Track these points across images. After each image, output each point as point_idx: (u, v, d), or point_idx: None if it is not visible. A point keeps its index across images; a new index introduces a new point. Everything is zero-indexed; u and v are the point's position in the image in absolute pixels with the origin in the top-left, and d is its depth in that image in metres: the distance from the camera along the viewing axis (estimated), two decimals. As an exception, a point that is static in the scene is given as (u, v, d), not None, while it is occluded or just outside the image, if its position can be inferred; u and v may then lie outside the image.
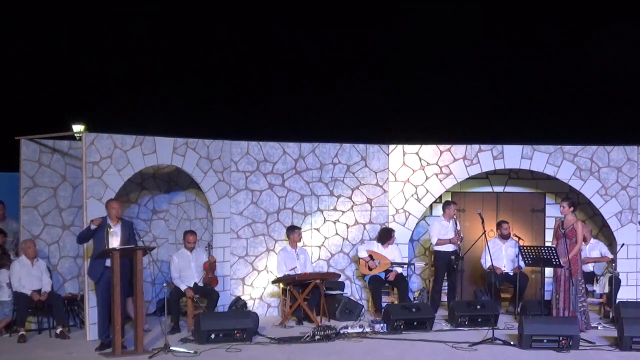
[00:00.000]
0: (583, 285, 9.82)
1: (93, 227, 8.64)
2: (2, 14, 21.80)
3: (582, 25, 22.15)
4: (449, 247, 11.09)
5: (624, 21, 20.94)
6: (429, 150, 11.53)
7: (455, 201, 11.39)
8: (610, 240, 11.43)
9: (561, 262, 9.59)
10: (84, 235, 8.85)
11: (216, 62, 23.94)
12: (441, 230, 11.12)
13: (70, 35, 23.51)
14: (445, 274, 11.23)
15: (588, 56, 21.76)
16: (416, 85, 22.82)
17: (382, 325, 9.72)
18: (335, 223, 11.44)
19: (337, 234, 11.45)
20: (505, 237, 11.22)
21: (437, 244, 11.14)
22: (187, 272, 10.06)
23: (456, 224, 11.06)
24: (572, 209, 9.90)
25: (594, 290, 10.88)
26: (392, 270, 10.91)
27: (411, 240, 11.88)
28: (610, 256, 11.04)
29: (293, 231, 10.80)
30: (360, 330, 9.67)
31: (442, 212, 11.33)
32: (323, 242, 11.41)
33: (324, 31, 23.84)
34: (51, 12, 22.80)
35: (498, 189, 12.24)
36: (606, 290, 10.66)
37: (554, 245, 9.80)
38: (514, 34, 23.01)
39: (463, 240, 11.27)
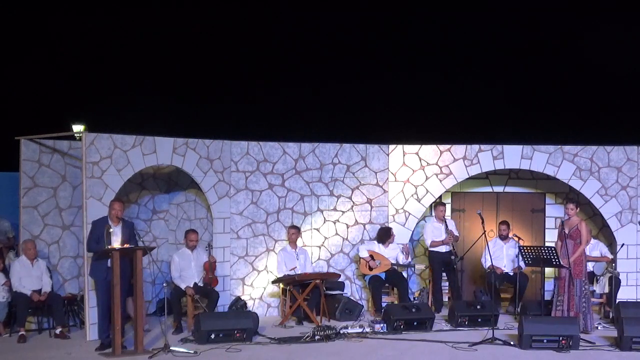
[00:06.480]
0: (587, 287, 9.80)
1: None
2: (2, 14, 21.81)
3: (582, 26, 22.15)
4: (443, 248, 11.16)
5: (624, 21, 20.94)
6: (429, 150, 11.53)
7: (444, 202, 11.49)
8: (610, 240, 11.42)
9: (562, 263, 9.57)
10: (91, 245, 8.80)
11: (216, 62, 23.92)
12: (434, 232, 11.23)
13: (71, 35, 23.50)
14: (445, 274, 11.28)
15: (588, 56, 21.75)
16: (416, 85, 22.79)
17: (382, 325, 9.72)
18: (335, 223, 11.44)
19: (337, 234, 11.45)
20: (506, 237, 11.26)
21: (431, 246, 11.23)
22: (187, 271, 10.06)
23: (446, 225, 11.11)
24: (578, 209, 9.92)
25: (594, 290, 10.88)
26: (395, 267, 10.97)
27: (411, 240, 11.88)
28: (610, 256, 11.04)
29: (288, 230, 10.85)
30: (360, 330, 9.66)
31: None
32: (323, 242, 11.41)
33: (324, 31, 23.84)
34: (51, 12, 22.81)
35: (498, 189, 12.24)
36: (606, 290, 10.66)
37: (553, 246, 9.78)
38: (514, 34, 23.00)
39: (458, 240, 11.36)
